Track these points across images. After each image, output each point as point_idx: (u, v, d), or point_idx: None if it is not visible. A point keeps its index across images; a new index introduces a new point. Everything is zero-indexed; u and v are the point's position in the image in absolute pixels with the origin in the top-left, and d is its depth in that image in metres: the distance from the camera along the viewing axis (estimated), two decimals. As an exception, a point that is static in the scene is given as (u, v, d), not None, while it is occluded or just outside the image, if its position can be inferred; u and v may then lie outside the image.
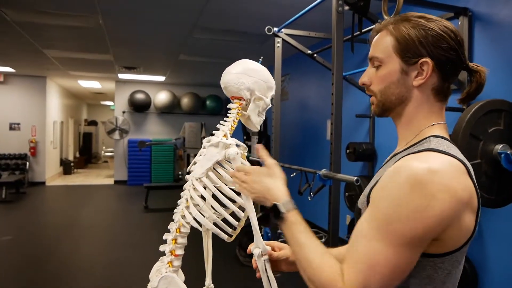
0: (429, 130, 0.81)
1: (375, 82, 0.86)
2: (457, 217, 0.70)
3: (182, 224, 1.02)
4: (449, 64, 0.79)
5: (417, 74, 0.80)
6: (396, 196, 0.69)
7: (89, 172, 12.70)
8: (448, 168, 0.70)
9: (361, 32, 2.72)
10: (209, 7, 3.88)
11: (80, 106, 15.34)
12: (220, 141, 1.02)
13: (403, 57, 0.80)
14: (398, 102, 0.83)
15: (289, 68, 6.19)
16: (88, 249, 4.50)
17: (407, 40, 0.79)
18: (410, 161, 0.72)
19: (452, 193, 0.68)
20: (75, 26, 4.62)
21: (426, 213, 0.67)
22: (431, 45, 0.78)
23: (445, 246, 0.72)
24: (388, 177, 0.73)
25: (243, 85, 1.06)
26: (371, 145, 4.04)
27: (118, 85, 9.64)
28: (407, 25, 0.80)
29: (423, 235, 0.68)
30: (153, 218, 6.06)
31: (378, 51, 0.84)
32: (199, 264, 1.25)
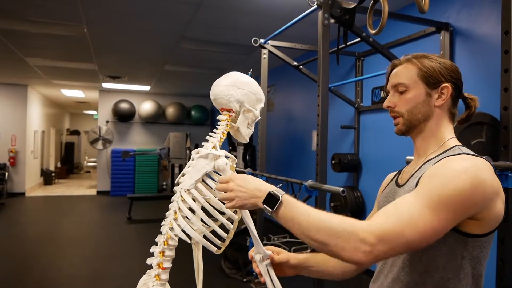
0: (452, 142, 0.98)
1: (400, 104, 1.01)
2: (493, 202, 0.85)
3: (170, 237, 1.01)
4: (458, 92, 1.00)
5: (438, 96, 0.98)
6: (446, 175, 0.83)
7: (71, 182, 12.43)
8: (485, 165, 0.86)
9: (346, 45, 2.77)
10: (196, 18, 3.89)
11: (62, 115, 15.08)
12: (210, 152, 1.01)
13: (427, 82, 0.98)
14: (423, 119, 0.99)
15: (275, 79, 6.24)
16: (69, 262, 4.38)
17: (430, 70, 0.98)
18: (456, 160, 0.88)
19: (490, 183, 0.84)
20: (59, 35, 4.56)
21: (473, 190, 0.81)
22: (448, 75, 0.98)
23: (486, 226, 0.87)
24: (437, 168, 0.87)
25: (233, 97, 1.07)
26: (355, 156, 4.09)
27: (102, 94, 9.53)
28: (426, 59, 0.99)
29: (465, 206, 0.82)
30: (137, 230, 5.95)
31: (404, 79, 1.00)
32: (187, 277, 1.23)
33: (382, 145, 3.76)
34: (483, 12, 2.78)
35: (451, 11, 3.01)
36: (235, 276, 3.86)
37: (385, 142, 3.72)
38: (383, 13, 2.07)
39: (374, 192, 3.12)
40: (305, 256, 1.12)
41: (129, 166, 9.32)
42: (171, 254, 1.02)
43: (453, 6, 3.00)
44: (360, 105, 4.09)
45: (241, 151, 5.94)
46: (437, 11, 3.07)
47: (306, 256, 1.12)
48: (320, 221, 0.82)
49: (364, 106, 4.04)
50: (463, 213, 0.82)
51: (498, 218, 0.88)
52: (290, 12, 3.52)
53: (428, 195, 0.81)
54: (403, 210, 0.81)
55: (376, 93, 3.85)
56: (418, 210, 0.80)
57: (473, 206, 0.82)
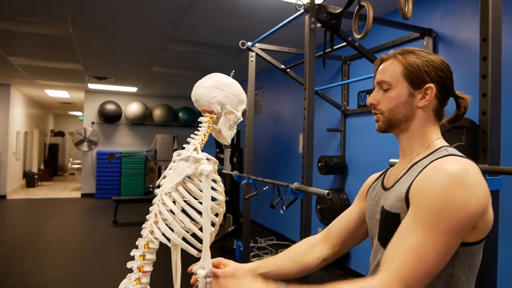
0: (437, 142, 0.95)
1: (383, 102, 0.98)
2: (487, 208, 0.82)
3: (150, 240, 1.00)
4: (445, 91, 0.96)
5: (421, 97, 0.95)
6: (440, 192, 0.79)
7: (55, 185, 12.22)
8: (474, 167, 0.83)
9: (333, 48, 2.79)
10: (184, 20, 3.88)
11: (46, 116, 14.83)
12: (191, 155, 1.01)
13: (411, 82, 0.95)
14: (404, 119, 0.97)
15: (262, 82, 6.25)
16: (51, 266, 4.30)
17: (414, 68, 0.94)
18: (444, 164, 0.84)
19: (484, 187, 0.81)
20: (43, 34, 4.49)
21: (470, 204, 0.78)
22: (433, 73, 0.94)
23: (480, 234, 0.84)
24: (427, 178, 0.83)
25: (214, 99, 1.06)
26: (342, 159, 4.12)
27: (88, 95, 9.41)
28: (413, 56, 0.96)
29: (466, 223, 0.79)
30: (122, 233, 5.88)
31: (388, 76, 0.97)
32: (168, 280, 1.22)
33: (368, 148, 3.80)
34: (465, 18, 2.83)
35: (434, 17, 3.07)
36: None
37: (370, 145, 3.76)
38: (368, 18, 2.10)
39: (359, 194, 3.06)
40: (255, 265, 1.09)
41: (115, 168, 9.21)
42: (152, 258, 1.00)
43: (436, 13, 3.06)
44: (346, 108, 4.12)
45: (228, 153, 5.92)
46: (421, 17, 3.12)
47: (257, 264, 1.09)
48: None
49: (350, 109, 4.08)
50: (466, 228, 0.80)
51: (490, 223, 0.85)
52: (278, 16, 3.54)
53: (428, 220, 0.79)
54: (408, 246, 0.78)
55: (362, 96, 3.89)
56: (422, 242, 0.77)
57: (475, 218, 0.80)
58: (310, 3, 2.34)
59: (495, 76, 1.44)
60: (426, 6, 3.13)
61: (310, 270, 1.12)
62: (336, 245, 1.12)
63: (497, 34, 1.45)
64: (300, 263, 1.11)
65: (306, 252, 1.13)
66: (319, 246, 1.14)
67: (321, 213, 4.10)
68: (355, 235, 1.12)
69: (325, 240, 1.14)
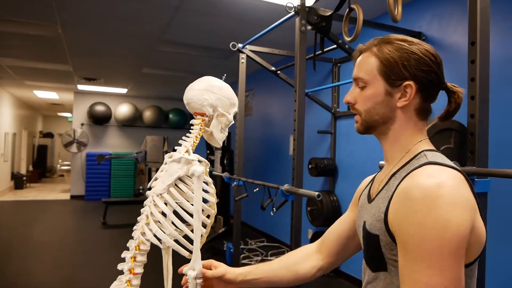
0: (419, 146, 0.85)
1: (360, 101, 0.89)
2: (474, 221, 0.72)
3: (141, 242, 0.99)
4: (430, 86, 0.84)
5: (400, 96, 0.84)
6: (420, 219, 0.70)
7: (43, 186, 12.06)
8: (453, 179, 0.73)
9: (323, 51, 2.81)
10: (174, 21, 3.87)
11: (35, 117, 14.64)
12: (182, 156, 1.01)
13: (387, 79, 0.84)
14: (382, 121, 0.87)
15: (253, 84, 6.26)
16: (39, 269, 4.24)
17: (391, 63, 0.83)
18: (417, 178, 0.74)
19: (465, 201, 0.71)
20: (32, 35, 4.44)
21: (454, 225, 0.68)
22: (414, 68, 0.82)
23: (472, 253, 0.75)
24: (402, 201, 0.74)
25: (206, 102, 1.07)
26: (332, 161, 4.14)
27: (77, 96, 9.32)
28: (390, 48, 0.84)
29: (458, 246, 0.69)
30: (112, 235, 5.83)
31: (363, 72, 0.87)
32: (159, 282, 1.21)
33: (358, 150, 3.83)
34: (452, 22, 2.88)
35: (423, 21, 3.11)
36: (212, 281, 3.83)
37: (360, 147, 3.79)
38: (358, 21, 2.12)
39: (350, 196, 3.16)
40: (246, 270, 1.05)
41: (105, 170, 9.13)
42: (143, 259, 1.00)
43: (425, 16, 3.10)
44: (336, 110, 4.15)
45: (219, 155, 5.92)
46: (410, 20, 3.16)
47: (248, 270, 1.05)
48: None
49: (341, 111, 4.11)
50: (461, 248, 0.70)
51: (481, 239, 0.76)
52: (268, 18, 3.55)
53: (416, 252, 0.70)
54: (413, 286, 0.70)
55: (352, 99, 3.92)
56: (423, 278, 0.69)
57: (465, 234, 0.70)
58: (300, 6, 2.36)
59: (483, 79, 1.46)
60: (416, 9, 3.18)
61: (305, 280, 1.08)
62: (330, 255, 1.07)
63: (485, 38, 1.47)
64: (294, 271, 1.07)
65: (301, 261, 1.09)
66: (314, 255, 1.09)
67: (311, 215, 4.12)
68: (348, 245, 1.05)
69: (320, 249, 1.10)
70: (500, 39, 2.52)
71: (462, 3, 2.77)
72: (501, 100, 2.42)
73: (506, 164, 2.38)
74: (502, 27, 2.52)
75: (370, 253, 0.85)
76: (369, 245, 0.85)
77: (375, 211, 0.84)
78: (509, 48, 2.49)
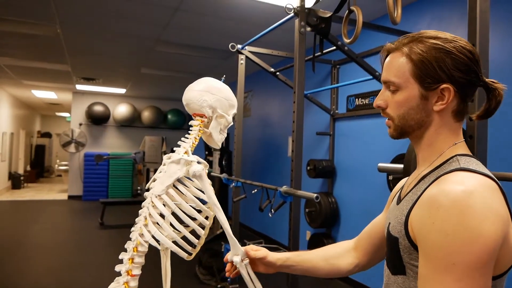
0: (453, 150, 0.80)
1: (392, 106, 0.83)
2: (505, 236, 0.68)
3: (139, 243, 0.99)
4: (469, 86, 0.78)
5: (437, 99, 0.78)
6: (445, 229, 0.66)
7: (41, 186, 12.03)
8: (484, 188, 0.69)
9: (322, 53, 2.81)
10: (173, 22, 3.87)
11: (33, 117, 14.60)
12: (182, 157, 1.00)
13: (422, 83, 0.78)
14: (417, 126, 0.82)
15: (252, 85, 6.26)
16: (36, 270, 4.23)
17: (426, 65, 0.77)
18: (445, 185, 0.70)
19: (495, 212, 0.67)
20: (31, 34, 4.43)
21: (483, 238, 0.64)
22: (451, 68, 0.75)
23: (501, 266, 0.70)
24: (427, 208, 0.71)
25: (206, 103, 1.06)
26: (330, 162, 4.14)
27: (76, 96, 9.30)
28: (423, 48, 0.78)
29: (487, 258, 0.65)
30: (109, 235, 5.81)
31: (394, 75, 0.81)
32: (157, 284, 1.21)
33: (357, 152, 3.83)
34: (452, 24, 2.89)
35: (423, 23, 3.12)
36: (210, 282, 3.82)
37: (359, 149, 3.79)
38: (357, 23, 2.12)
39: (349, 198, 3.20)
40: (285, 256, 1.07)
41: (103, 170, 9.11)
42: (141, 261, 1.00)
43: (424, 19, 3.11)
44: (335, 112, 4.15)
45: (218, 156, 5.91)
46: (409, 22, 3.17)
47: (287, 256, 1.07)
48: None
49: (339, 113, 4.11)
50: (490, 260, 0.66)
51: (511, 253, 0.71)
52: (268, 19, 3.55)
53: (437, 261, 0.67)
54: None
55: (351, 100, 3.92)
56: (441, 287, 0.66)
57: (496, 246, 0.66)
58: (300, 7, 2.36)
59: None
60: (415, 11, 3.18)
61: (340, 274, 1.08)
62: (365, 254, 1.06)
63: (485, 40, 1.47)
64: (333, 265, 1.07)
65: (340, 256, 1.08)
66: (352, 252, 1.09)
67: (309, 216, 4.12)
68: (381, 245, 1.00)
69: (356, 247, 1.09)
70: (499, 41, 2.53)
71: (462, 5, 2.78)
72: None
73: (505, 167, 2.38)
74: (502, 30, 2.53)
75: (390, 255, 0.83)
76: (389, 247, 0.83)
77: (398, 213, 0.82)
78: (508, 50, 2.49)
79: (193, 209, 1.01)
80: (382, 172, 2.82)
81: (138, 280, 1.02)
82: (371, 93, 3.62)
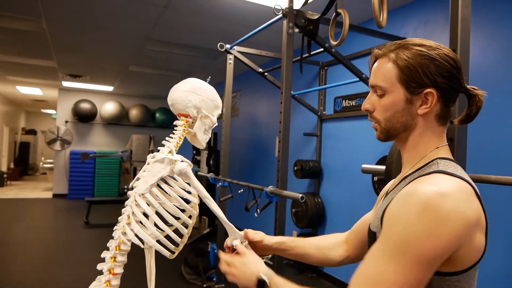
0: (435, 153, 0.84)
1: (379, 110, 0.88)
2: (468, 238, 0.72)
3: (122, 241, 0.99)
4: (451, 91, 0.83)
5: (421, 103, 0.83)
6: (407, 220, 0.71)
7: (25, 184, 11.83)
8: (457, 190, 0.73)
9: (310, 54, 2.84)
10: (162, 20, 3.85)
11: (17, 114, 14.34)
12: (166, 157, 1.01)
13: (407, 87, 0.82)
14: (403, 129, 0.86)
15: (241, 85, 6.26)
16: (19, 269, 4.16)
17: (411, 70, 0.81)
18: (420, 185, 0.74)
19: (461, 216, 0.70)
20: (16, 29, 4.36)
21: (437, 236, 0.69)
22: (435, 74, 0.80)
23: (459, 265, 0.74)
24: (399, 201, 0.75)
25: (190, 103, 1.07)
26: (317, 163, 4.17)
27: (62, 93, 9.17)
28: (409, 54, 0.82)
29: (434, 256, 0.70)
30: (94, 234, 5.75)
31: (381, 80, 0.86)
32: (140, 282, 1.21)
33: (343, 153, 3.87)
34: (437, 29, 2.94)
35: (409, 27, 3.16)
36: (195, 282, 3.82)
37: (345, 150, 3.83)
38: (344, 25, 2.15)
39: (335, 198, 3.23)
40: (281, 240, 1.12)
41: (89, 169, 9.00)
42: (123, 260, 1.00)
43: (411, 22, 3.16)
44: (322, 113, 4.19)
45: (205, 155, 5.90)
46: (396, 26, 3.22)
47: (283, 240, 1.12)
48: None
49: (327, 114, 4.15)
50: (436, 260, 0.71)
51: (475, 253, 0.75)
52: (257, 19, 3.56)
53: (392, 250, 0.72)
54: (370, 273, 0.73)
55: (338, 102, 3.96)
56: (381, 267, 0.72)
57: (446, 250, 0.70)
58: (288, 8, 2.38)
59: (463, 86, 1.49)
60: (402, 16, 3.23)
61: (331, 264, 1.13)
62: (354, 248, 1.10)
63: (466, 46, 1.51)
64: (325, 254, 1.12)
65: (334, 248, 1.13)
66: (343, 245, 1.13)
67: (296, 216, 4.14)
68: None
69: (347, 241, 1.13)
70: (481, 47, 2.58)
71: (447, 10, 2.83)
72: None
73: (484, 169, 2.44)
74: (483, 36, 2.58)
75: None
76: (369, 242, 0.88)
77: (378, 210, 0.87)
78: (488, 56, 2.55)
79: (177, 208, 1.01)
80: (366, 173, 2.86)
81: (123, 279, 1.02)
82: (358, 95, 3.67)
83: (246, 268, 0.93)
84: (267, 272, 0.89)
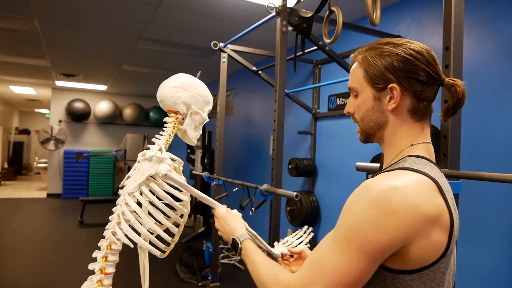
0: (408, 150, 0.84)
1: (356, 111, 0.91)
2: (421, 233, 0.71)
3: (113, 241, 0.98)
4: (420, 85, 0.82)
5: (389, 99, 0.84)
6: (357, 210, 0.73)
7: (19, 184, 11.74)
8: (413, 185, 0.73)
9: (304, 52, 2.83)
10: (155, 18, 3.83)
11: (10, 113, 14.22)
12: (154, 155, 1.00)
13: (373, 84, 0.85)
14: (377, 127, 0.87)
15: (235, 83, 6.25)
16: (13, 269, 4.13)
17: (373, 68, 0.84)
18: (377, 179, 0.75)
19: (412, 209, 0.70)
20: (8, 28, 4.31)
21: (383, 228, 0.69)
22: (398, 70, 0.81)
23: (412, 263, 0.73)
24: (355, 194, 0.76)
25: (180, 99, 1.06)
26: (312, 161, 4.17)
27: (55, 92, 9.10)
28: (373, 54, 0.85)
29: (378, 248, 0.70)
30: (89, 234, 5.72)
31: (352, 82, 0.90)
32: (135, 281, 1.20)
33: (337, 151, 3.87)
34: (430, 27, 2.94)
35: (402, 25, 3.17)
36: (190, 281, 3.80)
37: (340, 148, 3.83)
38: (337, 23, 2.14)
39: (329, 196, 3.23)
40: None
41: (83, 168, 8.95)
42: (115, 259, 0.99)
43: (404, 20, 3.16)
44: (317, 111, 4.18)
45: (200, 154, 5.88)
46: (390, 23, 3.21)
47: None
48: (258, 272, 0.88)
49: (321, 112, 4.14)
50: (379, 253, 0.71)
51: (432, 252, 0.73)
52: (250, 17, 3.55)
53: (339, 236, 0.75)
54: (319, 255, 0.77)
55: (332, 100, 3.96)
56: (329, 253, 0.75)
57: (391, 243, 0.70)
58: (282, 7, 2.37)
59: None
60: (395, 13, 3.23)
61: None
62: None
63: (459, 43, 1.51)
64: None
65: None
66: None
67: (290, 214, 4.14)
68: None
69: None
70: (473, 45, 2.59)
71: (440, 7, 2.83)
72: (473, 104, 2.49)
73: (478, 167, 2.45)
74: (475, 34, 2.59)
75: None
76: None
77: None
78: (482, 53, 2.56)
79: (167, 207, 1.00)
80: (360, 171, 2.86)
81: (117, 278, 1.01)
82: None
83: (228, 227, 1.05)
84: (242, 235, 1.00)
